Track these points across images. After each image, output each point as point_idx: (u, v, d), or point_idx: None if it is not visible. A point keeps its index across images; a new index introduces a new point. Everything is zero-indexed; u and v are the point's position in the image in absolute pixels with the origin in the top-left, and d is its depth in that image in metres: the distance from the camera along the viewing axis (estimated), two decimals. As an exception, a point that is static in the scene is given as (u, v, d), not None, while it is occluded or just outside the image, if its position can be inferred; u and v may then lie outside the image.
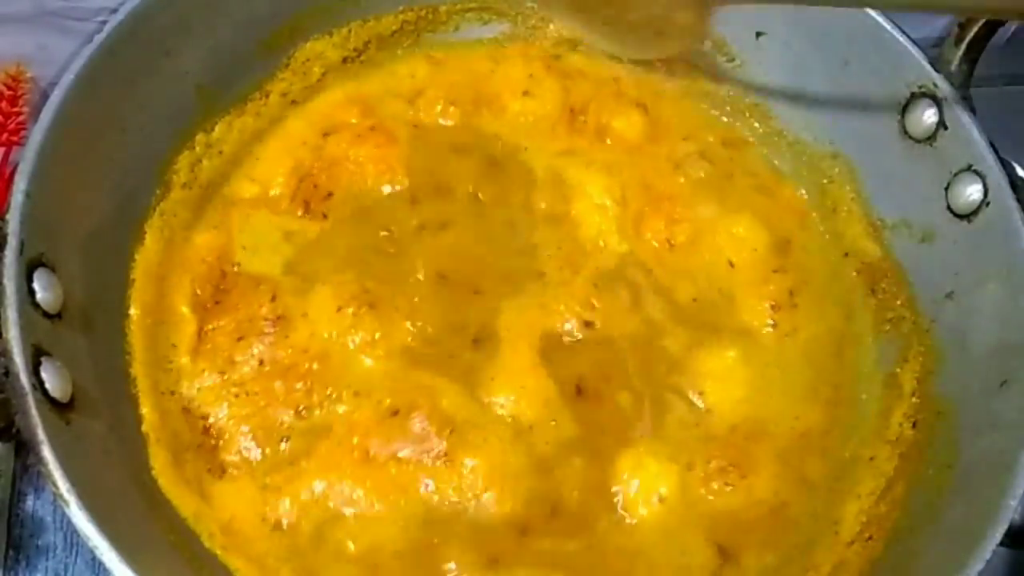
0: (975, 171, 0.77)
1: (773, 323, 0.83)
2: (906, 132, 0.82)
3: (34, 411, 0.58)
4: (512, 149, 0.89)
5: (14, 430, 0.58)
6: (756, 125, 0.93)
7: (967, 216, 0.77)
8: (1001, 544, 0.63)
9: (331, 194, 0.84)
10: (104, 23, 0.72)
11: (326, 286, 0.78)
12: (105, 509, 0.58)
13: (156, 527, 0.66)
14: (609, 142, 0.90)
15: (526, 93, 0.91)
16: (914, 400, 0.79)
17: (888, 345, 0.83)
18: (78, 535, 0.57)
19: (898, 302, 0.83)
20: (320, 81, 0.89)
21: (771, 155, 0.92)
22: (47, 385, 0.60)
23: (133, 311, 0.74)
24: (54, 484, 0.57)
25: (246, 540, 0.70)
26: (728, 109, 0.93)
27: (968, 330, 0.77)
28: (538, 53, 0.94)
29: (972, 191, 0.77)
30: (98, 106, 0.72)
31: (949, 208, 0.79)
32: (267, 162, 0.85)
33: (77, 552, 0.79)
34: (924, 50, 0.80)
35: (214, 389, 0.75)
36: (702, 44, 0.92)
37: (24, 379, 0.59)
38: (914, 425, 0.78)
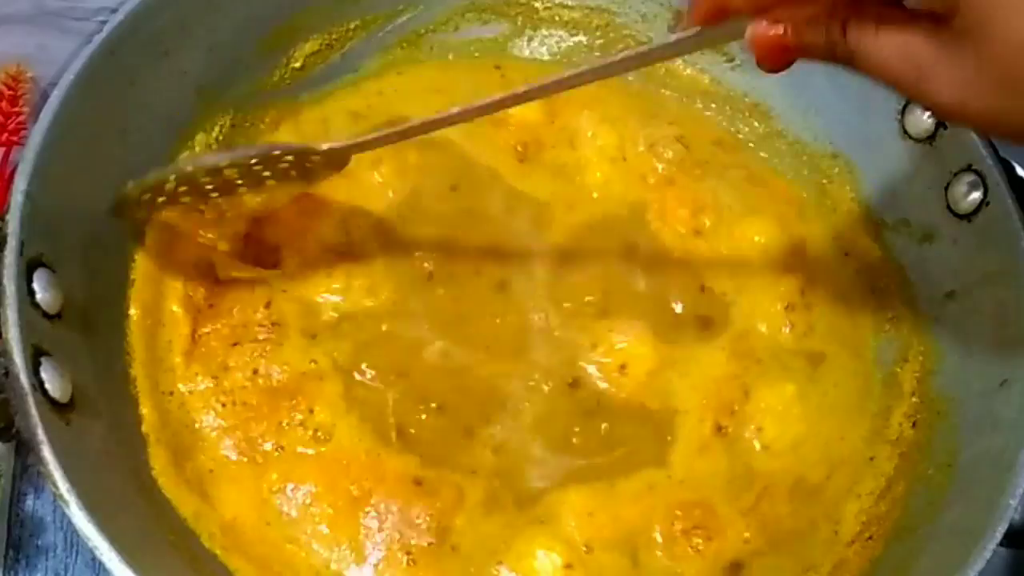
0: (975, 171, 0.76)
1: (791, 324, 0.83)
2: (906, 132, 0.82)
3: (34, 411, 0.58)
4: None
5: (14, 430, 0.58)
6: (756, 125, 0.93)
7: (967, 216, 0.77)
8: (1001, 544, 0.63)
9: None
10: (104, 23, 0.72)
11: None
12: (105, 509, 0.58)
13: (156, 527, 0.66)
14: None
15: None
16: (914, 400, 0.79)
17: (888, 345, 0.83)
18: (78, 535, 0.57)
19: (898, 302, 0.83)
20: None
21: (771, 155, 0.92)
22: (47, 385, 0.60)
23: (133, 311, 0.74)
24: (54, 484, 0.57)
25: (247, 540, 0.70)
26: (727, 109, 0.93)
27: (968, 330, 0.77)
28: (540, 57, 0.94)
29: (972, 191, 0.77)
30: (98, 106, 0.71)
31: (949, 208, 0.79)
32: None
33: (77, 552, 0.78)
34: (924, 50, 0.80)
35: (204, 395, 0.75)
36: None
37: (24, 379, 0.59)
38: (914, 425, 0.78)
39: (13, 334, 0.60)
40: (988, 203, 0.76)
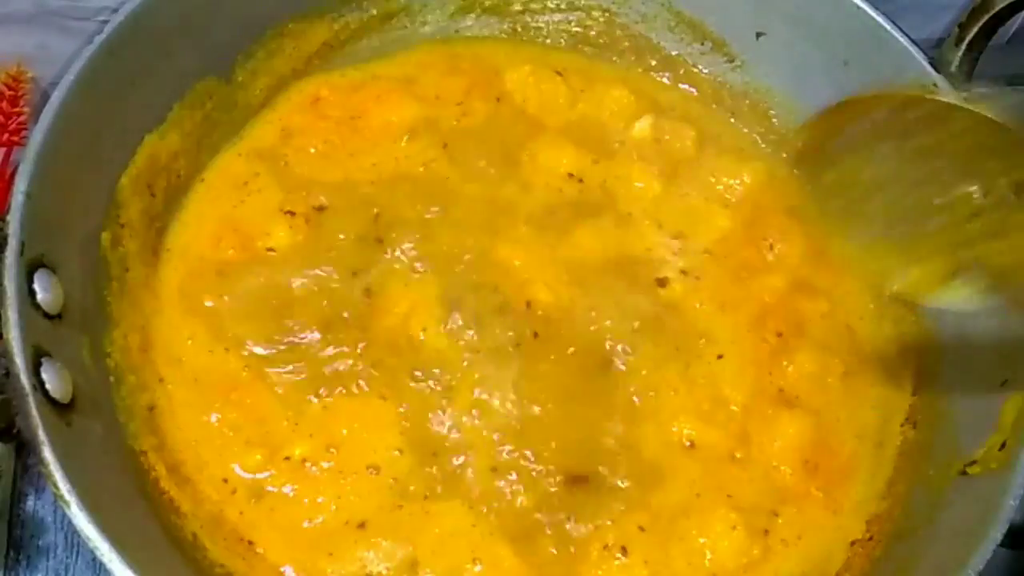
0: (975, 171, 0.77)
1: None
2: (906, 132, 0.82)
3: (35, 412, 0.58)
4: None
5: (15, 431, 0.58)
6: (756, 125, 0.93)
7: (967, 216, 0.77)
8: (1001, 544, 0.63)
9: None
10: (105, 23, 0.72)
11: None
12: (105, 509, 0.58)
13: (156, 527, 0.66)
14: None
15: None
16: (914, 400, 0.79)
17: (888, 345, 0.83)
18: (78, 535, 0.57)
19: (898, 302, 0.83)
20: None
21: (772, 154, 0.92)
22: (48, 386, 0.60)
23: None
24: (54, 485, 0.57)
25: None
26: (728, 109, 0.93)
27: (968, 330, 0.77)
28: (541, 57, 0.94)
29: (972, 191, 0.77)
30: (98, 106, 0.71)
31: (949, 208, 0.79)
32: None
33: (77, 552, 0.79)
34: (924, 50, 0.80)
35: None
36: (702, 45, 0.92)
37: (25, 380, 0.59)
38: (914, 425, 0.78)
39: (14, 334, 0.60)
40: (988, 203, 0.76)
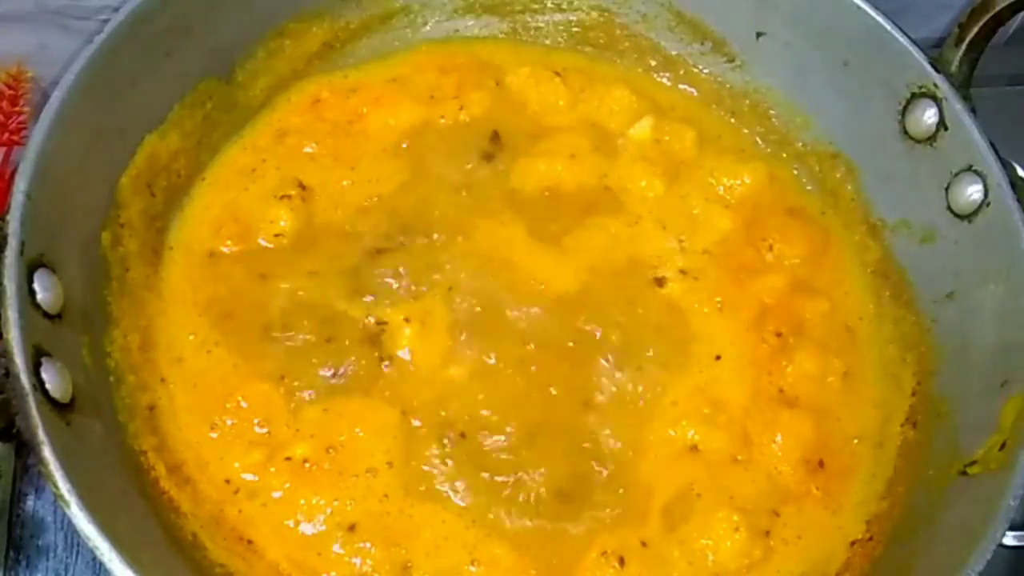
0: (975, 171, 0.77)
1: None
2: (906, 132, 0.82)
3: (35, 412, 0.58)
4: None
5: (15, 431, 0.58)
6: (756, 125, 0.93)
7: (967, 216, 0.77)
8: (1001, 544, 0.63)
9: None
10: (105, 22, 0.72)
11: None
12: (105, 509, 0.58)
13: (156, 527, 0.66)
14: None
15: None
16: (914, 400, 0.79)
17: (888, 345, 0.83)
18: (78, 535, 0.57)
19: (898, 302, 0.83)
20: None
21: (772, 155, 0.92)
22: (47, 385, 0.60)
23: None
24: (54, 484, 0.57)
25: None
26: (728, 109, 0.93)
27: (968, 330, 0.77)
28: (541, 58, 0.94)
29: (972, 191, 0.77)
30: (98, 106, 0.71)
31: (949, 208, 0.79)
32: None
33: (77, 552, 0.79)
34: (924, 50, 0.80)
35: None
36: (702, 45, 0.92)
37: (24, 379, 0.59)
38: (914, 425, 0.78)
39: (14, 334, 0.60)
40: (988, 203, 0.76)
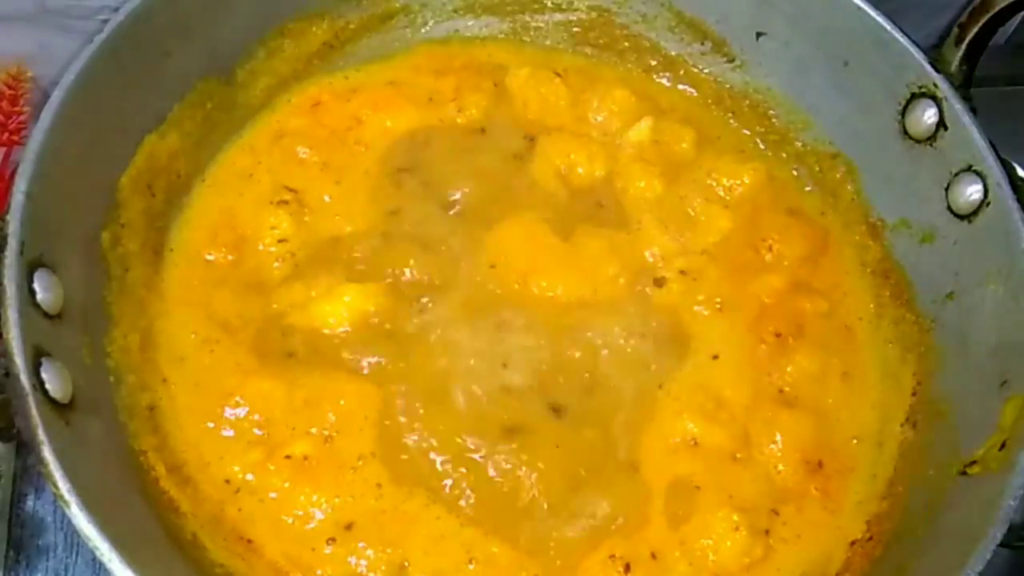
0: (975, 171, 0.77)
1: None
2: (906, 132, 0.82)
3: (34, 412, 0.58)
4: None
5: (15, 431, 0.58)
6: (756, 125, 0.93)
7: (967, 216, 0.77)
8: (1001, 544, 0.63)
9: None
10: (105, 22, 0.72)
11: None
12: (105, 509, 0.58)
13: (156, 527, 0.66)
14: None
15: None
16: (914, 400, 0.79)
17: (888, 345, 0.83)
18: (78, 535, 0.57)
19: (898, 302, 0.83)
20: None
21: (772, 155, 0.92)
22: (47, 385, 0.60)
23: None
24: (54, 484, 0.57)
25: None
26: (728, 109, 0.93)
27: (968, 330, 0.77)
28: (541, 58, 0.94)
29: (972, 191, 0.77)
30: (98, 106, 0.71)
31: (949, 208, 0.79)
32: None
33: (77, 552, 0.79)
34: (924, 50, 0.80)
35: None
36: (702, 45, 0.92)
37: (24, 379, 0.59)
38: (914, 425, 0.78)
39: (14, 334, 0.60)
40: (988, 203, 0.76)
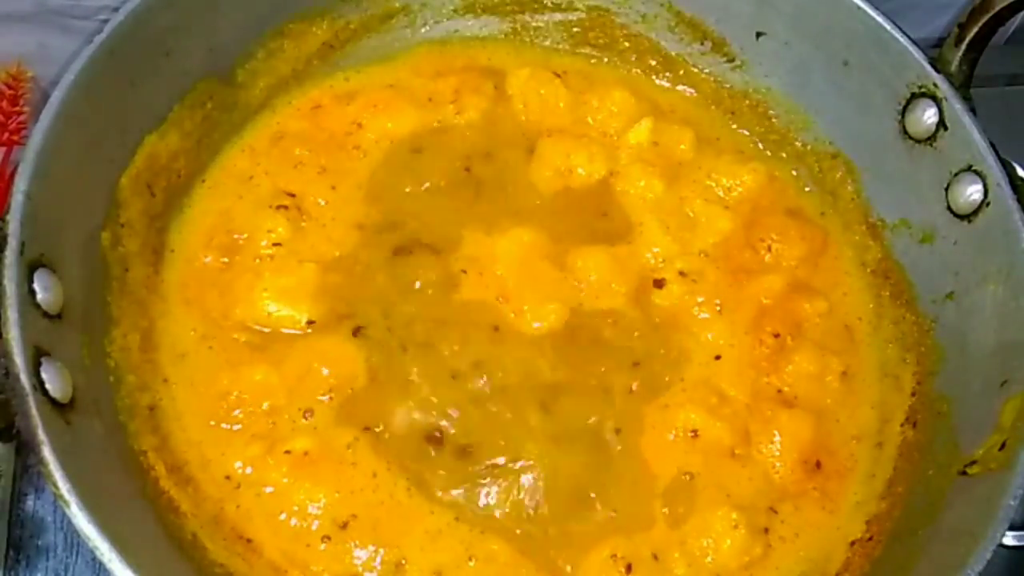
0: (975, 171, 0.77)
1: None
2: (906, 132, 0.82)
3: (35, 411, 0.58)
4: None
5: (15, 431, 0.58)
6: (756, 126, 0.93)
7: (967, 216, 0.77)
8: (1001, 544, 0.63)
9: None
10: (105, 21, 0.72)
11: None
12: (105, 509, 0.58)
13: (156, 527, 0.66)
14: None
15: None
16: (914, 400, 0.79)
17: (888, 345, 0.83)
18: (78, 535, 0.57)
19: (898, 302, 0.83)
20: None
21: (772, 155, 0.92)
22: (47, 385, 0.60)
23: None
24: (54, 484, 0.57)
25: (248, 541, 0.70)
26: (728, 109, 0.93)
27: (968, 330, 0.77)
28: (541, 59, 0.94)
29: (972, 191, 0.77)
30: (98, 106, 0.71)
31: (949, 208, 0.79)
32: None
33: (77, 552, 0.79)
34: (924, 50, 0.80)
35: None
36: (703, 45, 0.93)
37: (25, 379, 0.59)
38: (914, 425, 0.78)
39: (14, 334, 0.60)
40: (988, 203, 0.76)
